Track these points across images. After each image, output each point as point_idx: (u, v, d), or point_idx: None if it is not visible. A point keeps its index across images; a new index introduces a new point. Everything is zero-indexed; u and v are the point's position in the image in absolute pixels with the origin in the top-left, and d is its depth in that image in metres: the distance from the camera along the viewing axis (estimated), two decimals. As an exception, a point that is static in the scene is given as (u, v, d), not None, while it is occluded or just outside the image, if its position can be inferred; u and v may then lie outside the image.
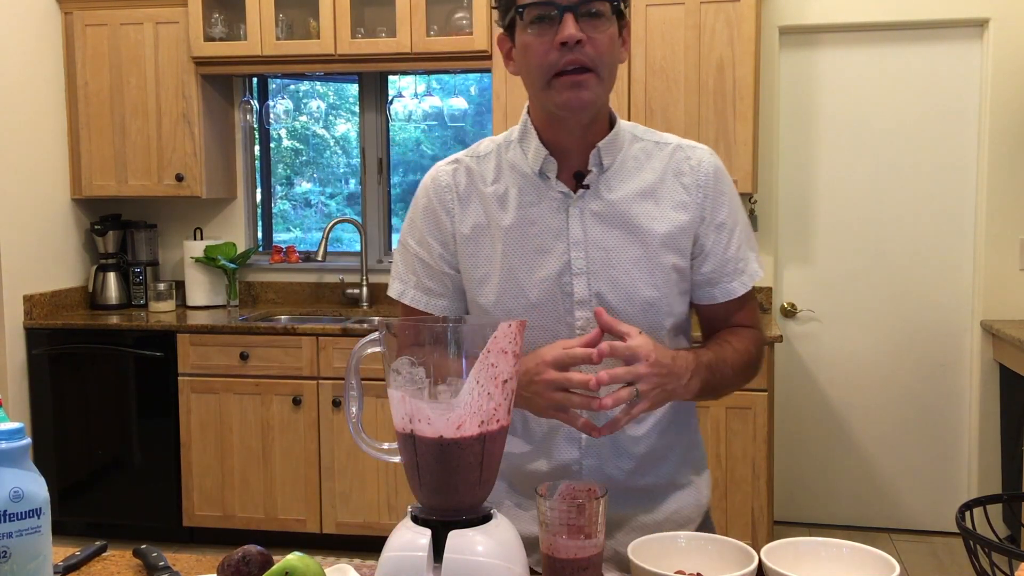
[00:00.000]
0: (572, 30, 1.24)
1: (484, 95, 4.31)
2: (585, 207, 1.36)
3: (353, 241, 4.54)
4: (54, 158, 4.10)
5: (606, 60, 1.28)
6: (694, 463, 1.49)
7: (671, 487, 1.45)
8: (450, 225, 1.41)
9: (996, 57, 3.75)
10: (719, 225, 1.39)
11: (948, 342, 3.94)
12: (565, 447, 1.39)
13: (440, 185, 1.42)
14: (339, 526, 3.76)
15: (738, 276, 1.41)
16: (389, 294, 1.48)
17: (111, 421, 3.89)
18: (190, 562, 1.32)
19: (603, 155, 1.36)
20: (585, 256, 1.35)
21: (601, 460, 1.39)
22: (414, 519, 1.04)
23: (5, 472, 0.97)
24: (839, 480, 4.06)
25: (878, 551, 1.10)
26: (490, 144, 1.44)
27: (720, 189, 1.40)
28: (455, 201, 1.41)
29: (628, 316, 1.34)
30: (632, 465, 1.40)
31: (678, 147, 1.41)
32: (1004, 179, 3.79)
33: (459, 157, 1.45)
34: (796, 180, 3.99)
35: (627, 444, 1.39)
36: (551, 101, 1.30)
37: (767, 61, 3.87)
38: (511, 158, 1.40)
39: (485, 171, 1.41)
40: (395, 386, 1.03)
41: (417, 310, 1.44)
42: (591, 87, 1.28)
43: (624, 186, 1.37)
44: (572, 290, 1.36)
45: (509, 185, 1.39)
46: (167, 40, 4.01)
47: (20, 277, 3.88)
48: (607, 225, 1.36)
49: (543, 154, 1.36)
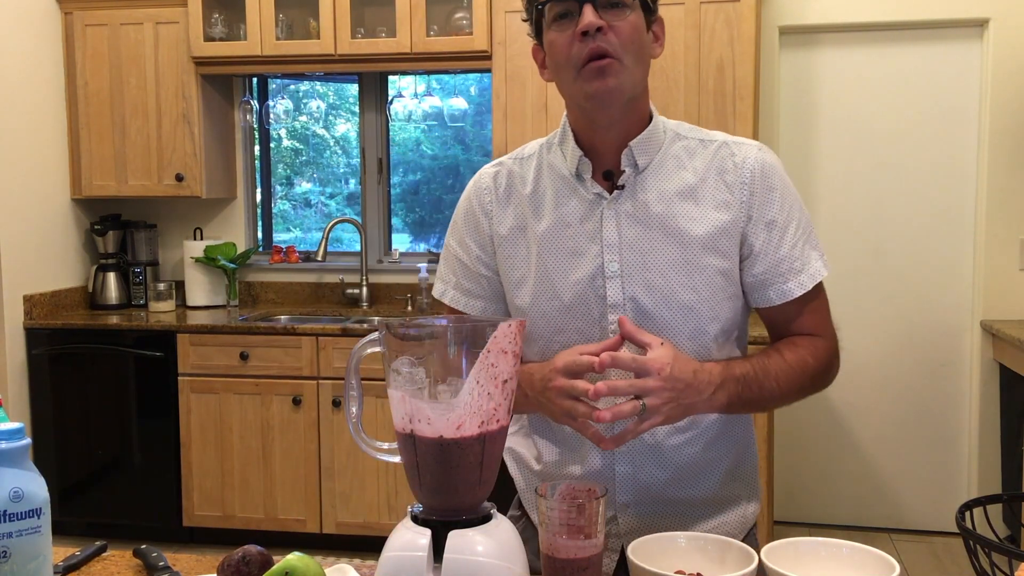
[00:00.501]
0: (592, 18, 1.23)
1: (484, 95, 4.31)
2: (620, 208, 1.33)
3: (353, 241, 4.54)
4: (54, 158, 4.10)
5: (629, 48, 1.26)
6: (744, 478, 1.43)
7: (713, 502, 1.39)
8: (488, 227, 1.41)
9: (996, 57, 3.75)
10: (769, 223, 1.33)
11: (948, 342, 3.94)
12: (597, 453, 1.36)
13: (480, 188, 1.43)
14: (339, 526, 3.76)
15: (794, 276, 1.33)
16: (433, 294, 1.51)
17: (111, 421, 3.89)
18: (190, 562, 1.32)
19: (636, 154, 1.33)
20: (619, 259, 1.32)
21: (635, 468, 1.35)
22: (414, 519, 1.04)
23: (5, 472, 0.97)
24: (839, 480, 4.06)
25: (878, 551, 1.10)
26: (535, 146, 1.44)
27: (769, 185, 1.34)
28: (494, 203, 1.42)
29: (666, 321, 1.31)
30: (669, 475, 1.35)
31: (724, 144, 1.36)
32: (1004, 179, 3.79)
33: (503, 160, 1.45)
34: (796, 180, 3.94)
35: (666, 453, 1.35)
36: (581, 93, 1.28)
37: (767, 61, 3.87)
38: (551, 160, 1.40)
39: (526, 173, 1.41)
40: (395, 386, 1.03)
41: (457, 310, 1.45)
42: (615, 73, 1.25)
43: (662, 186, 1.33)
44: (605, 293, 1.33)
45: (547, 187, 1.38)
46: (167, 40, 4.01)
47: (20, 277, 3.88)
48: (643, 227, 1.32)
49: (578, 155, 1.34)
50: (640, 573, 1.08)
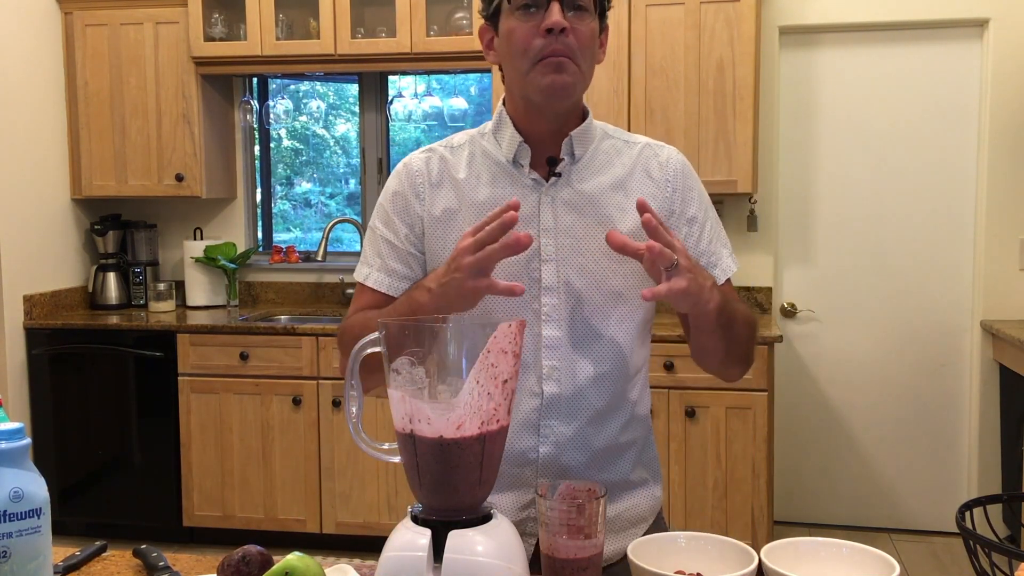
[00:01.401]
0: (558, 17, 1.28)
1: (484, 95, 4.31)
2: (556, 195, 1.38)
3: (353, 241, 4.54)
4: (54, 158, 4.10)
5: (586, 53, 1.32)
6: (648, 463, 1.50)
7: (626, 484, 1.45)
8: (419, 209, 1.42)
9: (996, 57, 3.75)
10: (690, 219, 1.41)
11: (948, 342, 3.94)
12: (522, 434, 1.38)
13: (412, 171, 1.44)
14: (339, 526, 3.76)
15: (711, 270, 1.40)
16: (354, 278, 1.47)
17: (111, 421, 3.89)
18: (190, 562, 1.32)
19: (575, 145, 1.39)
20: (555, 243, 1.37)
21: (559, 450, 1.38)
22: (414, 519, 1.04)
23: (5, 472, 0.97)
24: (839, 480, 4.06)
25: (878, 551, 1.10)
26: (463, 136, 1.47)
27: (688, 184, 1.42)
28: (426, 186, 1.42)
29: (597, 305, 1.37)
30: (589, 459, 1.40)
31: (647, 145, 1.44)
32: (1004, 179, 3.79)
33: (433, 147, 1.47)
34: (796, 180, 3.99)
35: (587, 438, 1.39)
36: (533, 85, 1.32)
37: (767, 61, 3.87)
38: (484, 147, 1.43)
39: (458, 160, 1.43)
40: (395, 386, 1.03)
41: (378, 293, 1.42)
42: (571, 72, 1.31)
43: (595, 178, 1.40)
44: (540, 276, 1.37)
45: (481, 172, 1.41)
46: (167, 40, 4.01)
47: (20, 277, 3.88)
48: (577, 214, 1.38)
49: (517, 141, 1.38)
50: (640, 573, 1.08)
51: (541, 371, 1.37)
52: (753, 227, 3.90)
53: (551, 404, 1.37)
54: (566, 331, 1.37)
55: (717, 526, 3.43)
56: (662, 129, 3.54)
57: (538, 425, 1.38)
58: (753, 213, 3.89)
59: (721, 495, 3.44)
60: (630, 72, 3.59)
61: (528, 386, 1.37)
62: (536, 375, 1.37)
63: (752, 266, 3.95)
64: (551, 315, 1.36)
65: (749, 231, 3.91)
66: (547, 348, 1.37)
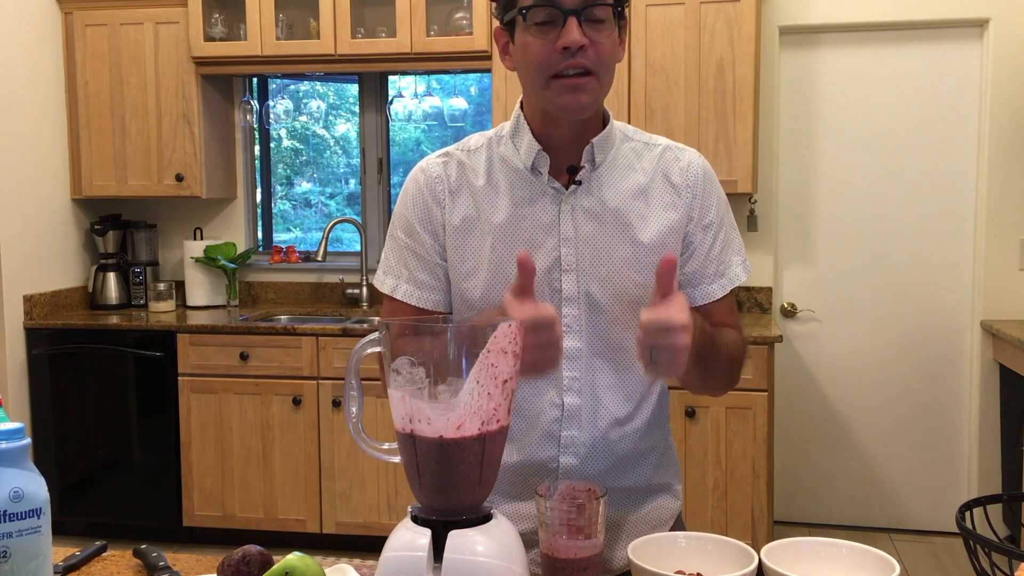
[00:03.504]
0: (576, 35, 1.23)
1: (484, 95, 4.31)
2: (577, 203, 1.35)
3: (353, 241, 4.54)
4: (54, 158, 4.10)
5: (607, 64, 1.28)
6: (669, 466, 1.49)
7: (647, 489, 1.44)
8: (440, 216, 1.39)
9: (996, 57, 3.75)
10: (706, 225, 1.39)
11: (948, 342, 3.94)
12: (543, 445, 1.37)
13: (431, 176, 1.40)
14: (339, 526, 3.76)
15: (718, 279, 1.40)
16: (380, 289, 1.43)
17: (111, 421, 3.89)
18: (190, 562, 1.32)
19: (596, 152, 1.35)
20: (575, 253, 1.34)
21: (580, 460, 1.37)
22: (414, 519, 1.04)
23: (5, 472, 0.97)
24: (839, 480, 4.06)
25: (878, 551, 1.10)
26: (480, 139, 1.43)
27: (708, 190, 1.39)
28: (446, 193, 1.39)
29: (617, 315, 1.35)
30: (610, 465, 1.39)
31: (668, 148, 1.41)
32: (1004, 179, 3.79)
33: (449, 151, 1.43)
34: (796, 180, 3.99)
35: (608, 445, 1.38)
36: (549, 102, 1.29)
37: (767, 61, 3.87)
38: (502, 153, 1.39)
39: (476, 165, 1.40)
40: (395, 386, 1.03)
41: (409, 305, 1.40)
42: (590, 90, 1.27)
43: (616, 184, 1.36)
44: (561, 286, 1.34)
45: (500, 179, 1.38)
46: (167, 40, 4.01)
47: (20, 277, 3.88)
48: (598, 222, 1.35)
49: (536, 149, 1.35)
50: (640, 573, 1.08)
51: (561, 382, 1.35)
52: (753, 227, 3.90)
53: (571, 415, 1.35)
54: (586, 342, 1.35)
55: (717, 526, 3.43)
56: (662, 129, 3.53)
57: (559, 436, 1.36)
58: (753, 213, 3.89)
59: (721, 495, 3.44)
60: (630, 72, 3.59)
61: (548, 397, 1.36)
62: (556, 387, 1.35)
63: (752, 266, 3.93)
64: (571, 326, 1.34)
65: (749, 231, 3.91)
66: (567, 359, 1.34)
